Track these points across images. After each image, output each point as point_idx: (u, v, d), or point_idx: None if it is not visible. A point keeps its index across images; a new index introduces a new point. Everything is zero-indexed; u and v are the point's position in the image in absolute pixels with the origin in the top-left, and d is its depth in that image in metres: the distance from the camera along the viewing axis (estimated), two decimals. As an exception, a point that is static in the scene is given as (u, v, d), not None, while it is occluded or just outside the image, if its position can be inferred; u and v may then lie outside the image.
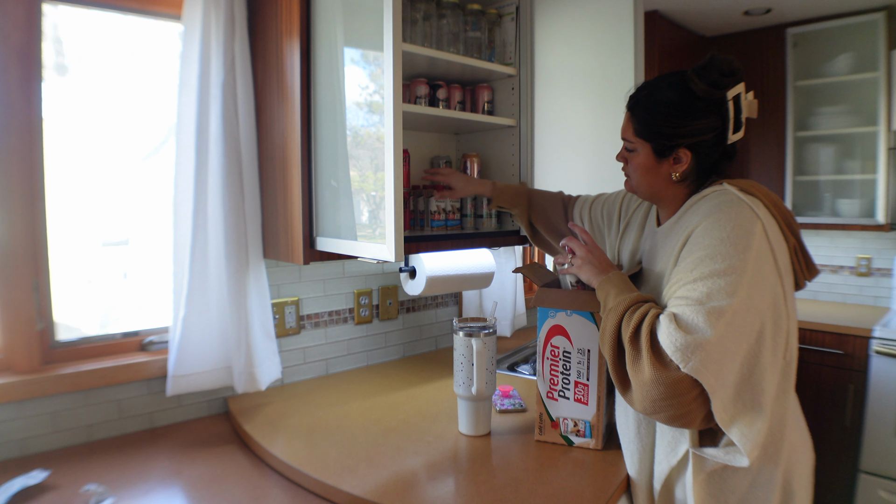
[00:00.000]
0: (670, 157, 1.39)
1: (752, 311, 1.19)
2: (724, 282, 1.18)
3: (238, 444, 1.78)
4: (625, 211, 1.74)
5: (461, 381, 1.71)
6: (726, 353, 1.16)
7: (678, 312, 1.20)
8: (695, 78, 1.34)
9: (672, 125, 1.36)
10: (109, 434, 1.83)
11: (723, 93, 1.33)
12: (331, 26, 1.69)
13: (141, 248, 1.99)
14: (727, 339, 1.16)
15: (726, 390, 1.17)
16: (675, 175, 1.41)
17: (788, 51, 3.63)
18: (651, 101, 1.40)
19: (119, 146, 1.92)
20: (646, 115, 1.41)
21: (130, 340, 1.93)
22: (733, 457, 1.23)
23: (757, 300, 1.20)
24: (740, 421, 1.19)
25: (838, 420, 3.20)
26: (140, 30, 1.94)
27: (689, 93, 1.35)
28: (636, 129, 1.43)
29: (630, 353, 1.23)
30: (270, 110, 1.88)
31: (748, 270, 1.20)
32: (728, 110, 1.34)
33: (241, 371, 1.92)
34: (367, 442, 1.69)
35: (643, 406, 1.22)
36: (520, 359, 2.65)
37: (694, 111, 1.35)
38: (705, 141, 1.36)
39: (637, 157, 1.45)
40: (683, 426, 1.23)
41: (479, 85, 2.34)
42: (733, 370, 1.17)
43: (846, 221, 3.53)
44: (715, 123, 1.35)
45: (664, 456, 1.38)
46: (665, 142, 1.38)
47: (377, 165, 1.55)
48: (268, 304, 2.00)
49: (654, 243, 1.51)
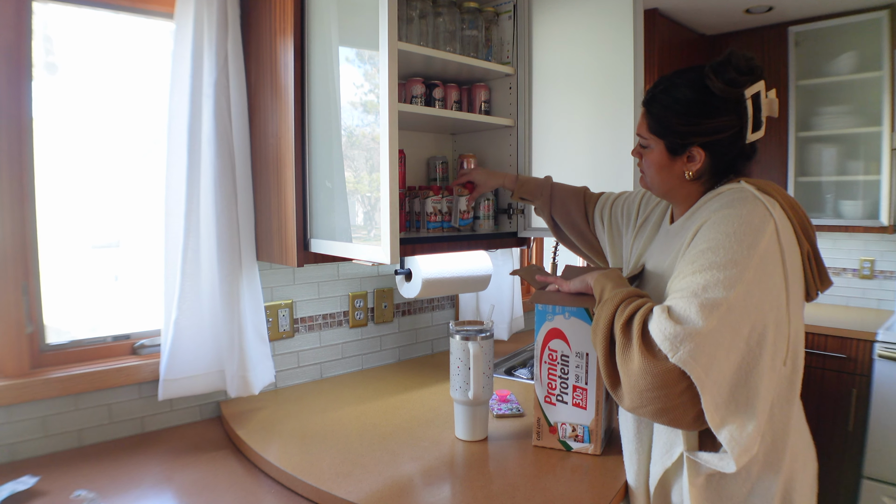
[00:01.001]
0: (683, 155, 1.39)
1: (750, 310, 1.19)
2: (723, 275, 1.18)
3: (231, 449, 1.79)
4: (643, 209, 1.73)
5: (458, 385, 1.72)
6: (718, 348, 1.15)
7: (672, 304, 1.20)
8: (711, 75, 1.33)
9: (685, 123, 1.36)
10: (100, 439, 1.83)
11: (740, 91, 1.32)
12: (325, 24, 1.70)
13: (132, 250, 2.00)
14: (720, 333, 1.15)
15: (718, 388, 1.16)
16: (688, 174, 1.40)
17: (791, 49, 3.63)
18: (667, 98, 1.40)
19: (110, 146, 1.93)
20: (660, 112, 1.41)
21: (121, 344, 1.94)
22: (725, 462, 1.21)
23: (757, 299, 1.20)
24: (731, 423, 1.17)
25: (841, 425, 3.21)
26: (131, 28, 1.95)
27: (705, 90, 1.34)
28: (650, 126, 1.44)
29: (620, 342, 1.23)
30: (264, 110, 1.89)
31: (751, 267, 1.19)
32: (746, 109, 1.32)
33: (234, 375, 1.93)
34: (362, 447, 1.70)
35: (630, 399, 1.22)
36: (517, 363, 2.67)
37: (710, 109, 1.34)
38: (721, 140, 1.35)
39: (651, 153, 1.45)
40: (672, 423, 1.22)
41: (476, 84, 2.36)
42: (727, 368, 1.17)
43: (849, 223, 3.54)
44: (731, 122, 1.34)
45: (659, 457, 1.39)
46: (678, 140, 1.38)
47: (372, 166, 1.56)
48: (261, 306, 2.01)
49: (663, 241, 1.52)
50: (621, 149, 2.04)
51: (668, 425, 1.24)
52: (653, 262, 1.53)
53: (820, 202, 3.80)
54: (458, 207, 2.23)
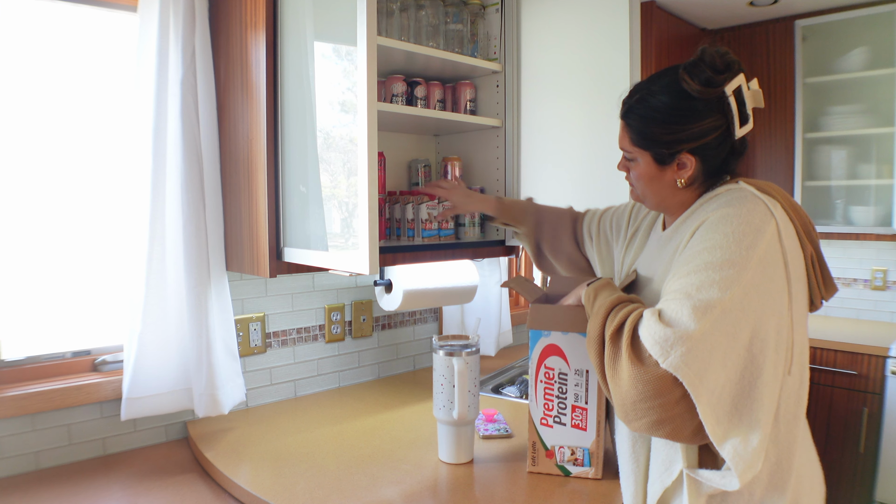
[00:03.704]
0: (673, 163, 1.41)
1: (749, 314, 1.20)
2: (718, 275, 1.21)
3: (199, 472, 1.81)
4: (633, 220, 1.76)
5: (441, 404, 1.73)
6: (713, 353, 1.17)
7: (663, 307, 1.23)
8: (686, 77, 1.35)
9: (669, 131, 1.38)
10: (58, 462, 1.84)
11: (720, 90, 1.34)
12: (300, 18, 1.72)
13: (93, 259, 2.00)
14: (714, 336, 1.17)
15: (718, 399, 1.18)
16: (680, 182, 1.43)
17: (798, 45, 3.64)
18: (644, 108, 1.42)
19: (69, 149, 1.94)
20: (640, 124, 1.43)
21: (81, 360, 1.95)
22: (728, 480, 1.22)
23: (757, 303, 1.21)
24: (735, 437, 1.18)
25: (852, 446, 3.22)
26: (92, 22, 1.96)
27: (683, 94, 1.36)
28: (633, 139, 1.46)
29: (609, 352, 1.26)
30: (234, 109, 1.91)
31: (750, 268, 1.21)
32: (730, 106, 1.35)
33: (202, 393, 1.94)
34: (339, 471, 1.72)
35: (623, 411, 1.24)
36: (505, 380, 2.69)
37: (691, 114, 1.36)
38: (709, 142, 1.38)
39: (638, 166, 1.47)
40: (670, 436, 1.23)
41: (461, 82, 2.39)
42: (724, 377, 1.18)
43: (860, 230, 3.53)
44: (717, 122, 1.36)
45: (657, 476, 1.40)
46: (664, 150, 1.41)
47: (350, 169, 1.58)
48: (231, 320, 2.02)
49: (656, 248, 1.54)
50: (617, 151, 2.02)
51: (667, 438, 1.25)
52: (645, 269, 1.55)
53: (829, 208, 3.80)
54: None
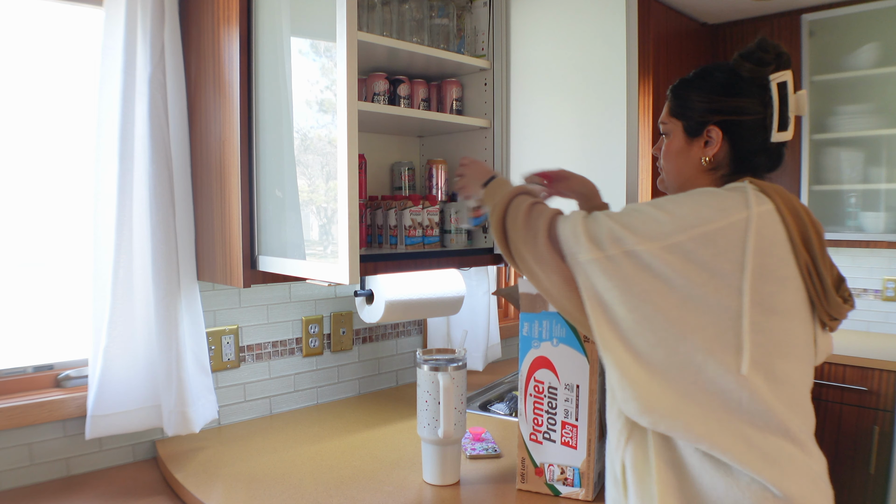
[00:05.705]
0: (702, 136, 1.49)
1: (660, 276, 1.27)
2: (653, 221, 1.31)
3: (168, 494, 1.82)
4: None
5: (426, 422, 1.75)
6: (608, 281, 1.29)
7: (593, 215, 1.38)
8: (740, 59, 1.46)
9: (706, 99, 1.48)
10: (19, 483, 1.84)
11: (766, 71, 1.44)
12: (275, 12, 1.73)
13: (55, 269, 2.01)
14: (623, 268, 1.28)
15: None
16: (704, 159, 1.49)
17: (804, 40, 3.66)
18: (693, 78, 1.54)
19: (30, 151, 1.95)
20: (683, 91, 1.54)
21: (44, 375, 1.96)
22: None
23: (679, 275, 1.26)
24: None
25: (862, 466, 3.24)
26: (55, 16, 1.97)
27: (732, 72, 1.48)
28: (672, 109, 1.56)
29: (523, 221, 1.43)
30: (206, 109, 1.93)
31: (687, 237, 1.27)
32: (772, 96, 1.43)
33: (172, 410, 1.94)
34: (317, 493, 1.73)
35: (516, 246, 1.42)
36: (493, 396, 2.70)
37: (732, 88, 1.47)
38: (741, 123, 1.46)
39: (670, 142, 1.57)
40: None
41: (447, 80, 2.41)
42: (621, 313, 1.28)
43: (871, 237, 3.55)
44: (754, 106, 1.45)
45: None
46: (696, 117, 1.50)
47: (329, 173, 1.60)
48: (202, 333, 2.04)
49: None
50: (612, 152, 2.07)
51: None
52: None
53: (837, 214, 3.82)
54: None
